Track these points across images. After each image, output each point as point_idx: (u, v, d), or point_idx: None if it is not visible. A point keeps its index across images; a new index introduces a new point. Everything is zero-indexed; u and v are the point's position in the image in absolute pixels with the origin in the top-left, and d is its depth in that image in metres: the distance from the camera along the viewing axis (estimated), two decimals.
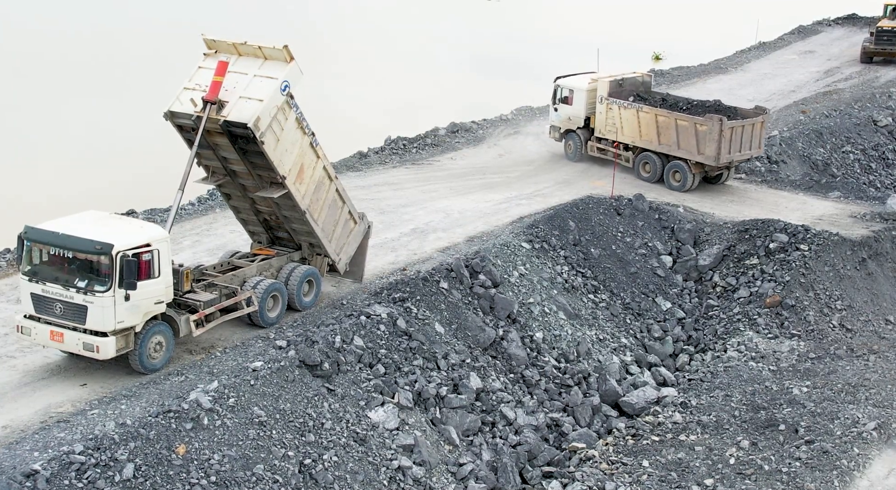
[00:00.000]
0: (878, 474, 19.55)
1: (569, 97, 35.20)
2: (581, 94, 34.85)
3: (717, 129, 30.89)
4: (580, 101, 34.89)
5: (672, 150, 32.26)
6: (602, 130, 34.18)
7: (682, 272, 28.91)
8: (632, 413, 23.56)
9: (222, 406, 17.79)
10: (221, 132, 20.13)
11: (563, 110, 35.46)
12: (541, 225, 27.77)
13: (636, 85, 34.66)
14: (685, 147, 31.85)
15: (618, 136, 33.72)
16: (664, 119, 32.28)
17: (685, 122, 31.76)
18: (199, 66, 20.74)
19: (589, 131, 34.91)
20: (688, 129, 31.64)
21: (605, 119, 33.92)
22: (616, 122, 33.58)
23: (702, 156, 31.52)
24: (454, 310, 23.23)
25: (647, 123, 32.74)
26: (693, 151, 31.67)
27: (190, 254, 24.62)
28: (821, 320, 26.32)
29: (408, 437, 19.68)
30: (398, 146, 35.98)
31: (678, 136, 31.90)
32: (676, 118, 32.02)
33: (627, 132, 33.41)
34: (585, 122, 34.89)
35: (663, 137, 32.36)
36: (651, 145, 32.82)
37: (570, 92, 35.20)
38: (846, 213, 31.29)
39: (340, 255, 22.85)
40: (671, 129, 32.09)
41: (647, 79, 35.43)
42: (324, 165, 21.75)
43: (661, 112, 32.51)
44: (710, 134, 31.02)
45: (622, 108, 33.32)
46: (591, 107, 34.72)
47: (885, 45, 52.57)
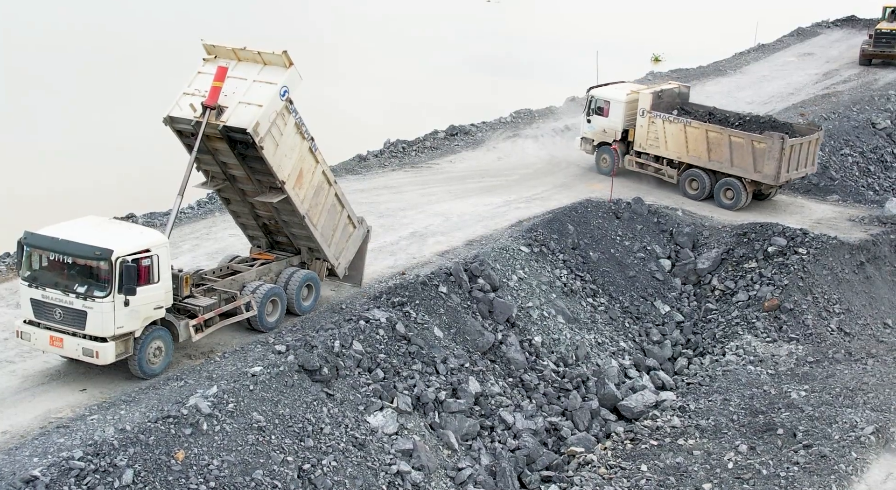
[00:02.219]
0: (875, 479, 19.60)
1: (604, 108, 33.76)
2: (619, 106, 33.41)
3: (777, 147, 29.74)
4: (617, 113, 33.43)
5: (724, 168, 30.97)
6: (643, 145, 32.76)
7: (680, 276, 28.96)
8: (630, 417, 23.60)
9: (221, 411, 17.82)
10: (221, 137, 20.18)
11: (598, 122, 33.98)
12: (540, 228, 27.81)
13: (674, 96, 33.39)
14: (740, 164, 30.57)
15: (661, 152, 32.38)
16: (716, 135, 30.96)
17: (740, 139, 30.45)
18: (198, 71, 20.79)
19: (626, 145, 33.58)
20: (743, 146, 30.37)
21: (647, 133, 32.46)
22: (659, 137, 32.18)
23: (759, 174, 30.33)
24: (453, 314, 23.27)
25: (695, 139, 31.41)
26: (749, 169, 30.45)
27: (189, 258, 24.66)
28: (819, 324, 26.37)
29: (407, 441, 19.72)
30: (397, 149, 36.02)
31: (732, 153, 30.61)
32: (731, 134, 30.69)
33: (672, 147, 32.05)
34: (623, 135, 33.53)
35: (714, 154, 31.08)
36: (699, 162, 31.52)
37: (606, 103, 33.74)
38: (844, 216, 31.36)
39: (339, 260, 22.89)
40: (723, 146, 30.79)
41: (684, 90, 34.14)
42: (323, 170, 21.80)
43: (712, 127, 31.19)
44: (771, 152, 29.82)
45: (667, 122, 31.99)
46: (629, 119, 33.31)
47: (883, 47, 52.63)
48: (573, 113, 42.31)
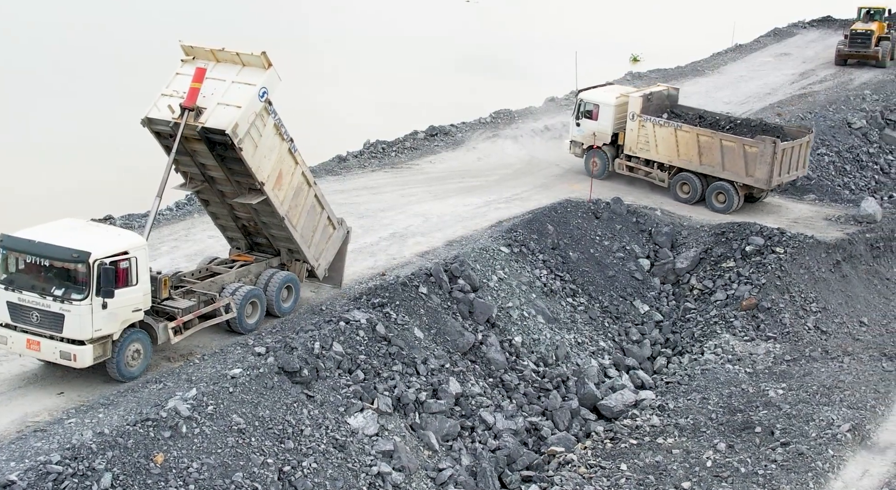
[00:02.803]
0: (852, 476, 19.80)
1: (594, 112, 33.53)
2: (608, 109, 33.22)
3: (770, 151, 29.61)
4: (607, 117, 33.21)
5: (716, 172, 30.85)
6: (633, 148, 32.60)
7: (659, 275, 29.12)
8: (610, 416, 23.72)
9: (201, 414, 17.75)
10: (199, 139, 20.09)
11: (587, 125, 33.67)
12: (519, 229, 27.89)
13: (663, 99, 33.26)
14: (731, 168, 30.49)
15: (652, 155, 32.23)
16: (707, 139, 30.80)
17: (732, 143, 30.37)
18: (176, 72, 20.69)
19: (616, 148, 33.41)
20: (735, 150, 30.26)
21: (637, 136, 32.34)
22: (650, 140, 32.03)
23: (751, 178, 30.25)
24: (433, 315, 23.29)
25: (686, 143, 31.28)
26: (741, 173, 30.35)
27: (168, 260, 24.55)
28: (796, 323, 26.60)
29: (387, 442, 19.72)
30: (377, 150, 35.99)
31: (723, 156, 30.50)
32: (722, 138, 30.60)
33: (663, 151, 31.89)
34: (613, 138, 33.36)
35: (706, 158, 30.92)
36: (691, 165, 31.39)
37: (596, 106, 33.54)
38: (821, 215, 31.66)
39: (319, 261, 22.85)
40: (715, 150, 30.67)
41: (673, 92, 33.97)
42: (302, 171, 21.75)
43: (703, 131, 31.06)
44: (763, 156, 29.73)
45: (657, 126, 31.86)
46: (619, 122, 33.13)
47: (858, 47, 53.10)
48: (552, 113, 42.49)
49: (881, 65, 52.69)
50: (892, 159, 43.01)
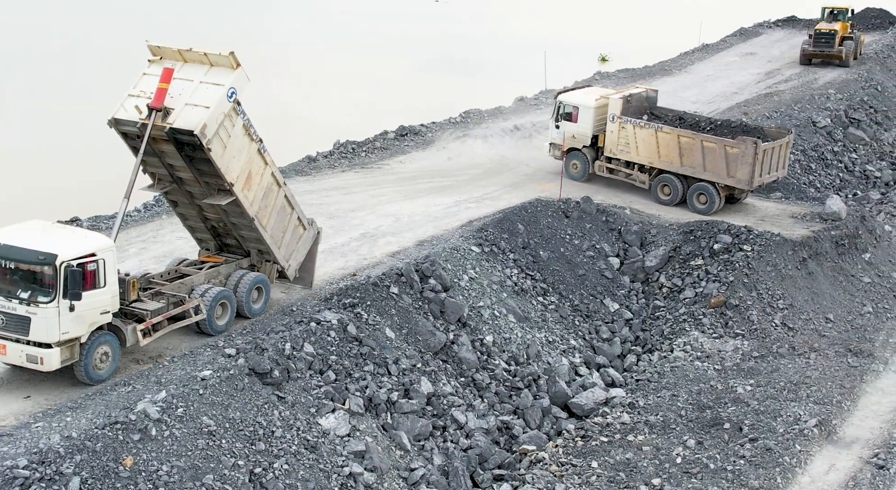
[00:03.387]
0: (819, 470, 20.08)
1: (573, 114, 33.29)
2: (588, 112, 33.01)
3: (751, 151, 29.60)
4: (587, 119, 33.03)
5: (697, 173, 30.81)
6: (613, 150, 32.45)
7: (629, 273, 29.32)
8: (581, 414, 23.86)
9: (170, 416, 17.62)
10: (167, 139, 19.95)
11: (567, 128, 33.42)
12: (490, 228, 27.95)
13: (642, 101, 33.06)
14: (713, 169, 30.44)
15: (632, 157, 32.09)
16: (688, 140, 30.72)
17: (713, 144, 30.31)
18: (143, 72, 20.54)
19: (596, 150, 33.31)
20: (716, 151, 30.23)
21: (618, 138, 32.19)
22: (630, 142, 31.91)
23: (732, 179, 30.20)
24: (404, 315, 23.29)
25: (666, 144, 31.15)
26: (722, 174, 30.32)
27: (136, 262, 24.34)
28: (764, 320, 26.90)
29: (359, 443, 19.70)
30: (347, 150, 35.90)
31: (704, 158, 30.41)
32: (703, 140, 30.51)
33: (643, 153, 31.77)
34: (593, 140, 33.26)
35: (686, 159, 30.86)
36: (671, 167, 31.31)
37: (575, 108, 33.28)
38: (787, 213, 32.02)
39: (290, 262, 22.77)
40: (696, 151, 30.60)
41: (652, 94, 33.80)
42: (272, 172, 21.66)
43: (684, 133, 30.92)
44: (744, 157, 29.71)
45: (638, 128, 31.71)
46: (599, 124, 33.00)
47: (822, 47, 53.76)
48: (522, 113, 42.65)
49: (845, 64, 53.39)
50: (856, 158, 43.63)
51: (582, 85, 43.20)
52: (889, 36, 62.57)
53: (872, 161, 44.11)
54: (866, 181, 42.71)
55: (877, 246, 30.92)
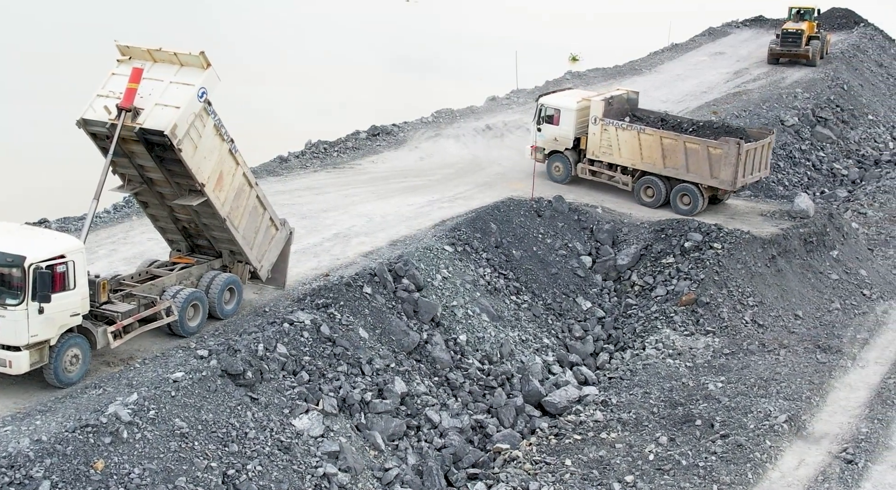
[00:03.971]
0: (789, 466, 20.32)
1: (555, 116, 33.23)
2: (569, 114, 32.97)
3: (734, 152, 29.63)
4: (568, 121, 32.99)
5: (680, 174, 30.80)
6: (595, 152, 32.37)
7: (601, 272, 29.49)
8: (554, 412, 23.95)
9: (142, 418, 17.49)
10: (137, 140, 19.78)
11: (548, 130, 33.40)
12: (463, 228, 27.99)
13: (623, 102, 32.98)
14: (696, 170, 30.42)
15: (615, 159, 32.00)
16: (670, 141, 30.72)
17: (696, 146, 30.30)
18: (112, 72, 20.33)
19: (578, 153, 33.22)
20: (699, 152, 30.21)
21: (600, 140, 32.10)
22: (612, 144, 31.85)
23: (716, 180, 30.19)
24: (378, 315, 23.27)
25: (649, 146, 31.15)
26: (705, 175, 30.31)
27: (106, 263, 24.11)
28: (734, 317, 27.16)
29: (333, 443, 19.66)
30: (319, 150, 35.79)
31: (687, 159, 30.42)
32: (686, 141, 30.52)
33: (626, 154, 31.71)
34: (575, 142, 33.17)
35: (669, 160, 30.85)
36: (654, 168, 31.27)
37: (557, 111, 33.24)
38: (756, 211, 32.34)
39: (262, 262, 22.66)
40: (679, 152, 30.60)
41: (633, 96, 33.74)
42: (243, 172, 21.54)
43: (666, 134, 30.94)
44: (727, 158, 29.74)
45: (620, 129, 31.65)
46: (580, 127, 32.93)
47: (790, 46, 54.43)
48: (494, 112, 42.75)
49: (811, 63, 54.09)
50: (824, 156, 44.21)
51: (557, 86, 43.44)
52: (854, 35, 63.46)
53: (839, 159, 44.71)
54: (833, 179, 43.30)
55: (844, 243, 31.32)
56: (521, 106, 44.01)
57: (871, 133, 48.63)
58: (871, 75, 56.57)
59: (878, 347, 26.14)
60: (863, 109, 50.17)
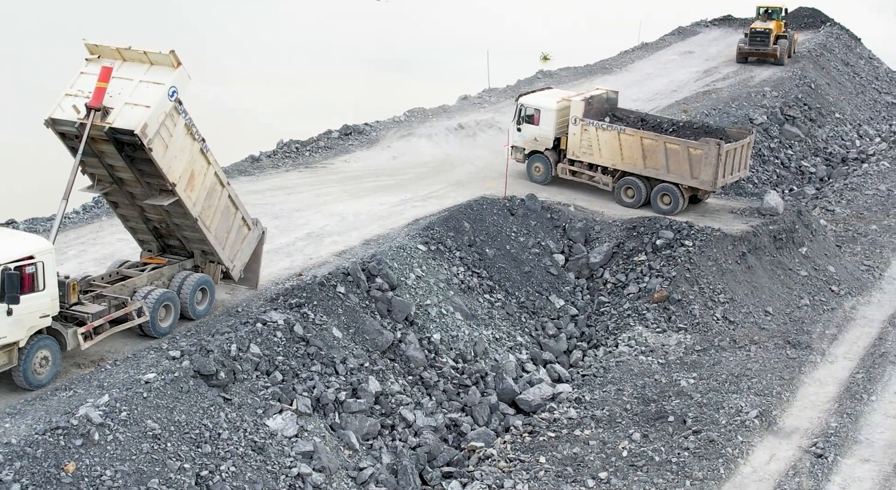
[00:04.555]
0: (760, 460, 20.52)
1: (535, 116, 33.13)
2: (549, 114, 32.85)
3: (714, 153, 29.68)
4: (548, 121, 32.87)
5: (660, 174, 30.78)
6: (576, 152, 32.31)
7: (574, 270, 29.61)
8: (528, 410, 24.02)
9: (114, 420, 17.34)
10: (107, 139, 19.60)
11: (528, 130, 33.30)
12: (436, 227, 28.00)
13: (602, 102, 32.90)
14: (676, 171, 30.44)
15: (595, 159, 31.96)
16: (651, 142, 30.68)
17: (676, 146, 30.29)
18: (80, 71, 20.14)
19: (558, 153, 33.14)
20: (679, 152, 30.22)
21: (580, 141, 32.06)
22: (592, 145, 31.79)
23: (696, 180, 30.24)
24: (351, 314, 23.22)
25: (629, 146, 31.10)
26: (685, 175, 30.33)
27: (76, 264, 23.86)
28: (705, 313, 27.38)
29: (307, 443, 19.59)
30: (291, 150, 35.64)
31: (667, 159, 30.42)
32: (666, 141, 30.51)
33: (606, 155, 31.65)
34: (555, 143, 33.06)
35: (649, 161, 30.81)
36: (634, 169, 31.22)
37: (537, 111, 33.12)
38: (727, 208, 32.61)
39: (234, 262, 22.54)
40: (659, 153, 30.59)
41: (612, 95, 33.64)
42: (215, 172, 21.40)
43: (647, 134, 30.90)
44: (707, 158, 29.78)
45: (600, 130, 31.59)
46: (560, 127, 32.85)
47: (758, 45, 54.95)
48: (466, 111, 42.80)
49: (779, 62, 54.64)
50: (792, 154, 44.70)
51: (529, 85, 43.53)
52: (821, 35, 64.18)
53: (807, 157, 45.23)
54: (802, 177, 43.79)
55: (813, 240, 31.68)
56: (493, 105, 44.12)
57: (838, 131, 49.25)
58: (838, 74, 57.27)
59: (846, 343, 26.46)
60: (830, 108, 50.79)
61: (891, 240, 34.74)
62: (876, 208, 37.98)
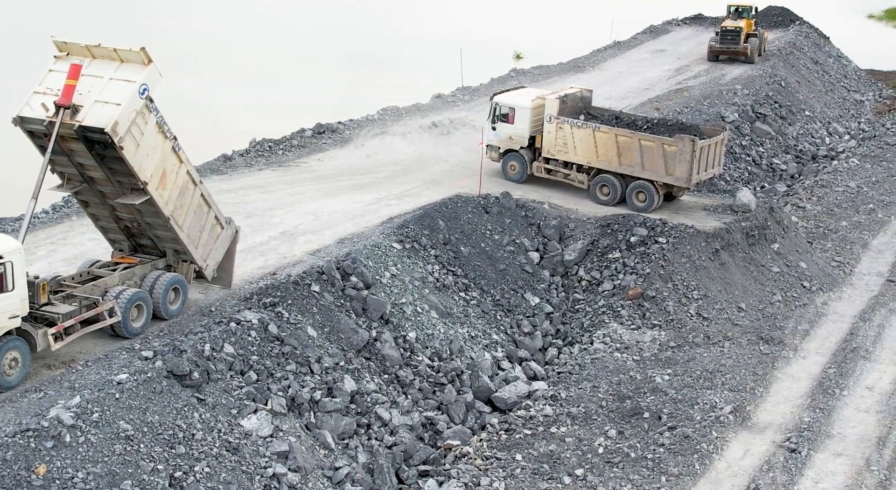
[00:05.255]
0: (734, 456, 20.64)
1: (509, 115, 33.10)
2: (524, 112, 32.84)
3: (688, 149, 29.78)
4: (523, 120, 32.87)
5: (635, 172, 30.82)
6: (551, 151, 32.30)
7: (549, 267, 29.64)
8: (504, 408, 24.01)
9: (85, 422, 17.11)
10: (76, 138, 19.33)
11: (503, 129, 33.31)
12: (411, 225, 27.91)
13: (577, 100, 32.90)
14: (651, 168, 30.54)
15: (570, 157, 31.96)
16: (625, 139, 30.72)
17: (651, 143, 30.41)
18: (49, 69, 19.86)
19: (533, 151, 33.13)
20: (654, 149, 30.34)
21: (555, 139, 32.05)
22: (568, 143, 31.80)
23: (671, 177, 30.38)
24: (326, 313, 23.09)
25: (604, 144, 31.13)
26: (660, 172, 30.42)
27: (45, 264, 23.54)
28: (679, 310, 27.50)
29: (282, 443, 19.45)
30: (264, 148, 35.40)
31: (642, 156, 30.50)
32: (641, 138, 30.58)
33: (581, 153, 31.68)
34: (530, 141, 33.08)
35: (624, 158, 30.85)
36: (610, 166, 31.25)
37: (512, 110, 33.11)
38: (700, 205, 32.79)
39: (207, 261, 22.32)
40: (634, 150, 30.65)
41: (587, 94, 33.65)
42: (187, 170, 21.19)
43: (621, 132, 30.95)
44: (682, 155, 29.90)
45: (575, 128, 31.62)
46: (535, 125, 32.82)
47: (729, 44, 55.34)
48: (440, 109, 42.74)
49: (750, 61, 55.08)
50: (763, 151, 45.07)
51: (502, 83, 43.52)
52: (790, 33, 64.80)
53: (778, 154, 45.62)
54: (773, 174, 44.16)
55: (785, 237, 31.93)
56: (467, 103, 44.10)
57: (808, 129, 49.73)
58: (808, 72, 57.85)
59: (818, 338, 26.69)
60: (800, 105, 51.28)
61: (860, 236, 35.12)
62: (846, 205, 38.38)
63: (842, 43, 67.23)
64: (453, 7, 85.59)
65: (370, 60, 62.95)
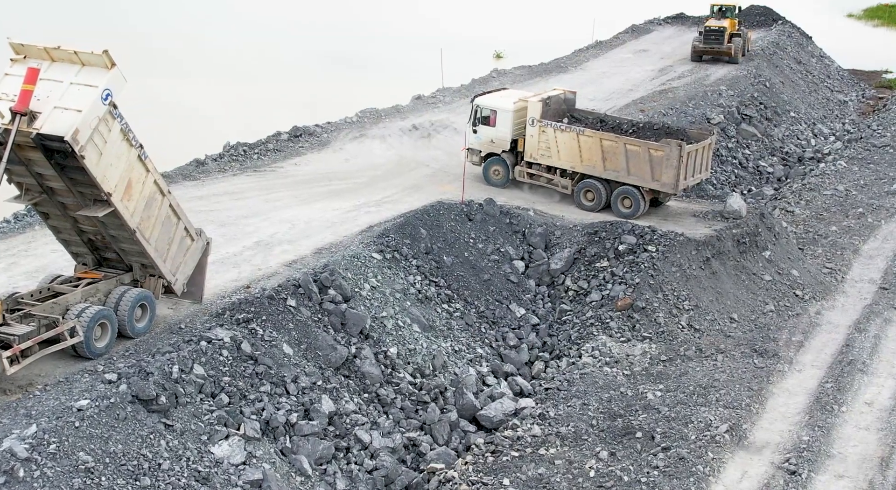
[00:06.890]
0: (732, 478, 19.70)
1: (490, 118, 32.12)
2: (506, 115, 31.82)
3: (675, 154, 28.91)
4: (505, 123, 31.86)
5: (621, 177, 29.89)
6: (534, 155, 31.32)
7: (534, 277, 28.61)
8: (490, 427, 22.97)
9: (41, 454, 15.92)
10: (34, 146, 18.08)
11: (485, 132, 32.28)
12: (391, 234, 26.81)
13: (560, 103, 31.89)
14: (637, 173, 29.56)
15: (553, 162, 31.01)
16: (610, 143, 29.78)
17: (637, 147, 29.43)
18: (5, 73, 18.60)
19: (515, 155, 32.13)
20: (640, 154, 29.36)
21: (538, 142, 31.06)
22: (551, 146, 30.80)
23: (657, 182, 29.48)
24: (303, 329, 21.94)
25: (589, 148, 30.15)
26: (646, 177, 29.50)
27: (4, 279, 22.26)
28: (670, 321, 26.55)
29: (255, 471, 18.31)
30: (238, 152, 34.16)
31: (628, 161, 29.56)
32: (626, 143, 29.63)
33: (565, 157, 30.72)
34: (512, 145, 32.13)
35: (609, 163, 29.93)
36: (594, 171, 30.27)
37: (493, 112, 32.09)
38: (689, 211, 31.87)
39: (177, 276, 21.11)
40: (619, 155, 29.70)
41: (570, 96, 32.67)
42: (154, 179, 19.98)
43: (606, 136, 29.93)
44: (669, 159, 29.01)
45: (558, 131, 30.64)
46: (518, 128, 31.85)
47: (712, 43, 54.72)
48: (420, 111, 41.66)
49: (734, 61, 54.47)
50: (749, 154, 44.35)
51: (483, 84, 42.52)
52: (773, 33, 64.31)
53: (764, 157, 44.92)
54: (759, 177, 43.45)
55: (776, 243, 31.08)
56: (448, 105, 43.02)
57: (793, 130, 49.08)
58: (791, 72, 57.27)
59: (813, 350, 25.84)
60: (785, 106, 50.63)
61: (851, 241, 34.36)
62: (835, 209, 37.65)
63: (823, 42, 66.83)
64: (432, 5, 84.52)
65: (348, 60, 61.74)
